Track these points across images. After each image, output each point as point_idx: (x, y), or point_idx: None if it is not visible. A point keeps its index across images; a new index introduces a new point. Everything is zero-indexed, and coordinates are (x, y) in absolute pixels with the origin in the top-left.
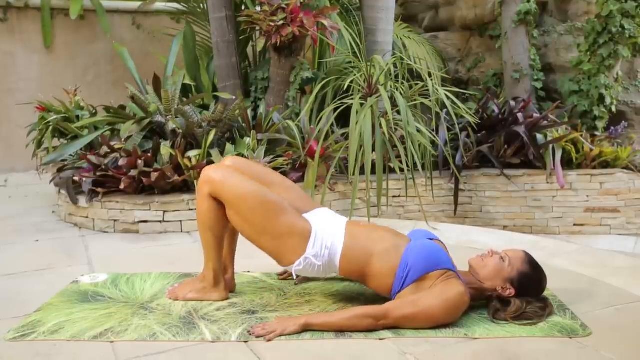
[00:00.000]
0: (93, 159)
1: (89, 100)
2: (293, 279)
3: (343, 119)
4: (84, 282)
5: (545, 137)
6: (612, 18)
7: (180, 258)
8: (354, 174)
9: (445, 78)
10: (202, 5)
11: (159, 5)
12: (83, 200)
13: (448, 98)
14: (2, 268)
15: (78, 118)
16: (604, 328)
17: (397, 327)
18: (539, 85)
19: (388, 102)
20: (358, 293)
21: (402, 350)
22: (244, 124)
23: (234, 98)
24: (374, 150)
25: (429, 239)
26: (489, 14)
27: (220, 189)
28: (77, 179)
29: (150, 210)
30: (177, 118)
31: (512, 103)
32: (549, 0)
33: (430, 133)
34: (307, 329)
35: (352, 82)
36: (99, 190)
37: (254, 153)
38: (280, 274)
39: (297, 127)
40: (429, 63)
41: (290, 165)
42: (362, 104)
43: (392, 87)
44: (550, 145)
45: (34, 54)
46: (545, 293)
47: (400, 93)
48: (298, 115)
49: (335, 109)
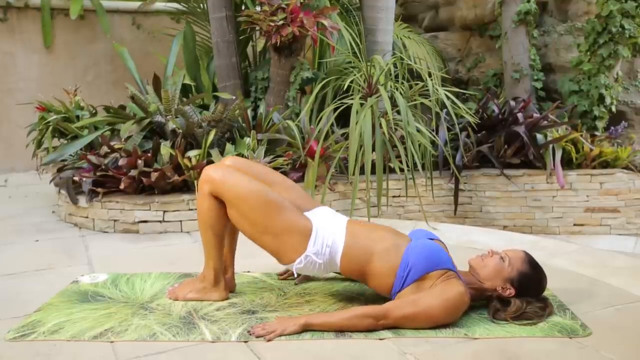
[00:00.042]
0: (93, 159)
1: (89, 100)
2: (293, 279)
3: (343, 119)
4: (84, 282)
5: (545, 137)
6: (612, 18)
7: (180, 258)
8: (354, 174)
9: (445, 78)
10: (202, 5)
11: (159, 5)
12: (83, 200)
13: (448, 98)
14: (2, 268)
15: (78, 118)
16: (604, 328)
17: (397, 327)
18: (539, 85)
19: (388, 102)
20: (358, 293)
21: (402, 350)
22: (244, 124)
23: (234, 98)
24: (374, 150)
25: (430, 239)
26: (489, 14)
27: (221, 188)
28: (77, 179)
29: (150, 210)
30: (177, 118)
31: (512, 103)
32: (549, 0)
33: (430, 133)
34: (307, 329)
35: (352, 82)
36: (99, 190)
37: (254, 153)
38: (280, 274)
39: (297, 127)
40: (429, 63)
41: (290, 165)
42: (362, 104)
43: (392, 87)
44: (550, 145)
45: (34, 54)
46: (545, 293)
47: (400, 93)
48: (298, 115)
49: (335, 109)
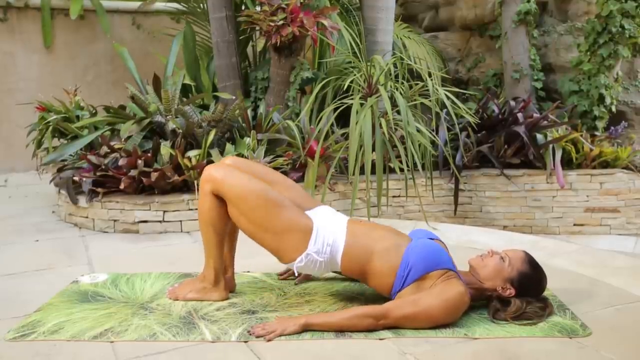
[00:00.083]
0: (93, 159)
1: (89, 100)
2: (293, 279)
3: (343, 119)
4: (84, 282)
5: (545, 137)
6: (612, 18)
7: (180, 258)
8: (354, 174)
9: (445, 78)
10: (202, 5)
11: (159, 5)
12: (83, 200)
13: (448, 98)
14: (2, 268)
15: (78, 118)
16: (604, 328)
17: (397, 326)
18: (539, 85)
19: (388, 102)
20: (358, 293)
21: (402, 350)
22: (244, 124)
23: (234, 98)
24: (374, 150)
25: (430, 239)
26: (489, 14)
27: (222, 187)
28: (77, 179)
29: (150, 210)
30: (177, 118)
31: (512, 103)
32: (549, 0)
33: (430, 133)
34: (307, 329)
35: (352, 82)
36: (99, 190)
37: (254, 153)
38: (281, 274)
39: (297, 127)
40: (429, 63)
41: (290, 165)
42: (362, 104)
43: (392, 87)
44: (550, 145)
45: (34, 54)
46: (545, 293)
47: (400, 93)
48: (298, 115)
49: (335, 109)
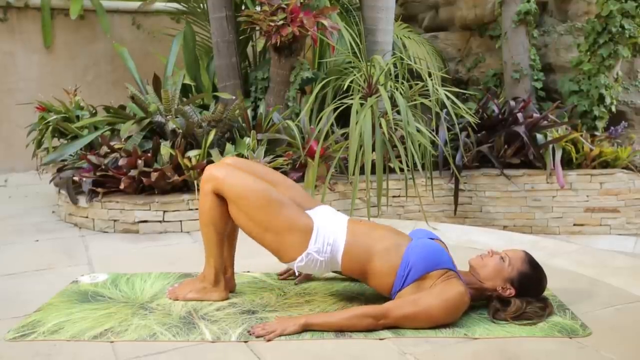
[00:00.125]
0: (93, 159)
1: (89, 100)
2: (293, 279)
3: (343, 119)
4: (84, 282)
5: (545, 137)
6: (612, 18)
7: (180, 258)
8: (354, 174)
9: (445, 78)
10: (202, 5)
11: (159, 5)
12: (83, 200)
13: (448, 98)
14: (2, 268)
15: (78, 118)
16: (604, 328)
17: (397, 326)
18: (539, 85)
19: (388, 102)
20: (358, 293)
21: (402, 350)
22: (244, 124)
23: (234, 98)
24: (374, 150)
25: (430, 239)
26: (489, 14)
27: (223, 186)
28: (77, 179)
29: (150, 210)
30: (177, 118)
31: (512, 103)
32: (549, 0)
33: (430, 133)
34: (307, 329)
35: (352, 82)
36: (99, 190)
37: (254, 153)
38: (280, 274)
39: (297, 127)
40: (429, 63)
41: (290, 165)
42: (362, 104)
43: (392, 87)
44: (550, 145)
45: (34, 54)
46: (545, 293)
47: (400, 93)
48: (298, 115)
49: (335, 109)
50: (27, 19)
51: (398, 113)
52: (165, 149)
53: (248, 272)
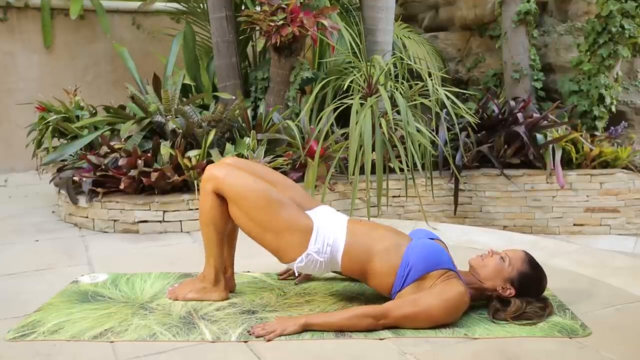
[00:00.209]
0: (93, 159)
1: (89, 100)
2: (293, 279)
3: (343, 119)
4: (84, 282)
5: (545, 137)
6: (612, 18)
7: (180, 258)
8: (354, 174)
9: (445, 78)
10: (202, 5)
11: (159, 5)
12: (83, 200)
13: (448, 98)
14: (2, 268)
15: (78, 118)
16: (604, 328)
17: (397, 326)
18: (539, 85)
19: (388, 102)
20: (358, 293)
21: (402, 350)
22: (244, 124)
23: (234, 98)
24: (374, 150)
25: (430, 239)
26: (489, 14)
27: (223, 185)
28: (77, 179)
29: (150, 210)
30: (177, 118)
31: (512, 103)
32: (549, 0)
33: (430, 133)
34: (307, 329)
35: (352, 82)
36: (99, 190)
37: (254, 153)
38: (280, 274)
39: (297, 127)
40: (429, 63)
41: (290, 165)
42: (362, 104)
43: (392, 87)
44: (550, 145)
45: (34, 54)
46: (545, 293)
47: (400, 93)
48: (298, 115)
49: (335, 109)
50: (27, 19)
51: (398, 113)
52: (165, 149)
53: (248, 272)
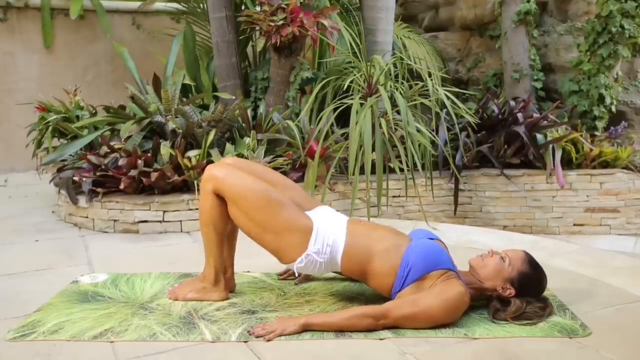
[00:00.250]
0: (93, 159)
1: (89, 100)
2: (293, 279)
3: (343, 119)
4: (84, 282)
5: (545, 137)
6: (612, 18)
7: (180, 258)
8: (354, 174)
9: (445, 78)
10: (202, 5)
11: (159, 5)
12: (83, 200)
13: (448, 98)
14: (2, 268)
15: (78, 118)
16: (604, 328)
17: (397, 326)
18: (539, 85)
19: (388, 102)
20: (358, 293)
21: (402, 350)
22: (244, 124)
23: (234, 98)
24: (374, 150)
25: (430, 239)
26: (489, 14)
27: (223, 185)
28: (77, 179)
29: (150, 210)
30: (177, 118)
31: (512, 103)
32: (549, 0)
33: (430, 133)
34: (307, 329)
35: (352, 82)
36: (99, 190)
37: (254, 153)
38: (280, 274)
39: (297, 127)
40: (429, 63)
41: (290, 165)
42: (362, 104)
43: (392, 87)
44: (550, 145)
45: (34, 54)
46: (545, 293)
47: (400, 93)
48: (298, 115)
49: (335, 109)
50: (27, 19)
51: (398, 113)
52: (165, 149)
53: (248, 272)
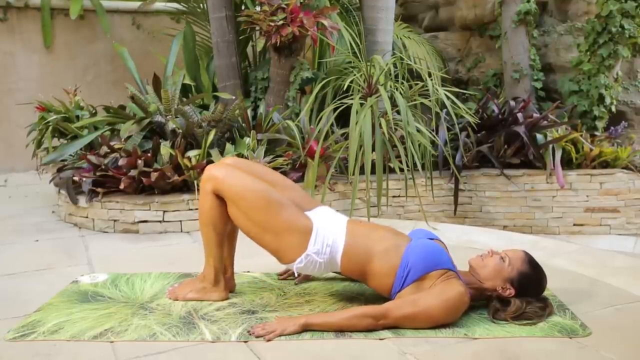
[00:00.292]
0: (93, 159)
1: (89, 100)
2: (293, 279)
3: (343, 119)
4: (84, 282)
5: (545, 137)
6: (612, 18)
7: (180, 258)
8: (354, 174)
9: (445, 78)
10: (202, 5)
11: (159, 5)
12: (83, 200)
13: (448, 98)
14: (2, 268)
15: (78, 118)
16: (604, 328)
17: (396, 326)
18: (539, 85)
19: (388, 102)
20: (358, 293)
21: (402, 350)
22: (244, 124)
23: (234, 98)
24: (374, 150)
25: (430, 239)
26: (489, 14)
27: (223, 186)
28: (77, 179)
29: (150, 210)
30: (177, 118)
31: (512, 103)
32: (549, 0)
33: (430, 133)
34: (306, 329)
35: (352, 82)
36: (99, 190)
37: (254, 153)
38: (280, 274)
39: (297, 127)
40: (429, 63)
41: (290, 165)
42: (362, 104)
43: (392, 87)
44: (550, 145)
45: (34, 54)
46: (545, 293)
47: (400, 93)
48: (298, 115)
49: (335, 109)
50: (27, 19)
51: (398, 113)
52: (165, 149)
53: (248, 272)
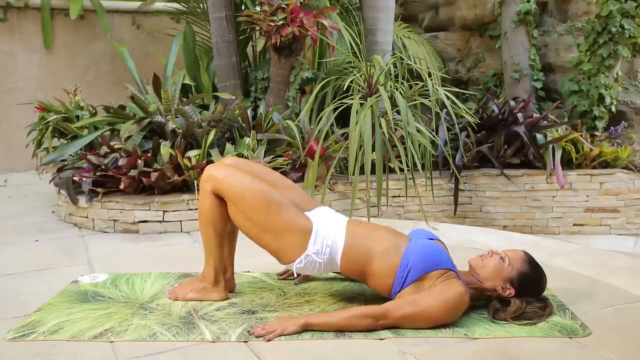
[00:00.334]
0: (93, 159)
1: (89, 100)
2: (293, 279)
3: (343, 119)
4: (84, 282)
5: (545, 137)
6: (612, 18)
7: (180, 258)
8: (354, 174)
9: (445, 78)
10: (202, 5)
11: (159, 5)
12: (83, 200)
13: (448, 98)
14: (2, 268)
15: (78, 118)
16: (604, 328)
17: (396, 326)
18: (539, 85)
19: (388, 102)
20: (358, 293)
21: (402, 350)
22: (244, 124)
23: (234, 98)
24: (374, 150)
25: (430, 239)
26: (489, 14)
27: (222, 186)
28: (77, 179)
29: (150, 210)
30: (177, 118)
31: (512, 103)
32: (549, 0)
33: (430, 133)
34: (306, 329)
35: (352, 82)
36: (99, 190)
37: (254, 153)
38: (280, 274)
39: (297, 127)
40: (429, 63)
41: (290, 165)
42: (362, 104)
43: (392, 87)
44: (550, 145)
45: (34, 54)
46: (545, 293)
47: (400, 93)
48: (298, 115)
49: (335, 109)
50: (27, 19)
51: (398, 113)
52: (165, 149)
53: (248, 272)
